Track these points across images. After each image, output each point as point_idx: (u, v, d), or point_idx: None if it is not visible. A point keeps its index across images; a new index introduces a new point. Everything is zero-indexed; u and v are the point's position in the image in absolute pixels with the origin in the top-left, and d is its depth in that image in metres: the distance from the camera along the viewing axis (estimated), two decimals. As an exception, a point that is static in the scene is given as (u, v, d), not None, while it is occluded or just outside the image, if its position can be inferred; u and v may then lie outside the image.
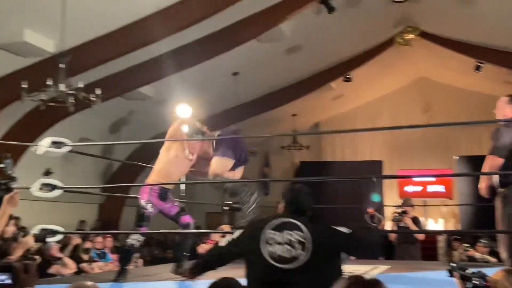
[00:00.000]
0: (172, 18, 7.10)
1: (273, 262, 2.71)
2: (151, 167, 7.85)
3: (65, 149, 4.46)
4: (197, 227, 11.23)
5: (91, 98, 6.12)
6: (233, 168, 4.89)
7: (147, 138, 10.11)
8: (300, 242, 2.71)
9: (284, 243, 2.72)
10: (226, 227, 6.61)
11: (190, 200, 11.18)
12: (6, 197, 3.23)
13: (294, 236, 2.72)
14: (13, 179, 3.70)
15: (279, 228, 2.77)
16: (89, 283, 1.94)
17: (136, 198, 4.96)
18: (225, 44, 8.53)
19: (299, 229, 2.74)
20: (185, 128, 4.95)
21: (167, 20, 7.08)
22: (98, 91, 6.17)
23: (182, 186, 8.66)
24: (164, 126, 9.89)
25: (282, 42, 9.56)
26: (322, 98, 13.79)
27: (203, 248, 8.40)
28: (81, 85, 6.14)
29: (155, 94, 9.50)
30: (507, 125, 4.07)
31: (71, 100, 6.11)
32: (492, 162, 4.01)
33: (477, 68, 11.54)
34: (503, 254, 4.09)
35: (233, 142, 4.82)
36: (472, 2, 8.85)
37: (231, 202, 6.96)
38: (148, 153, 10.40)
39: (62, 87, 6.02)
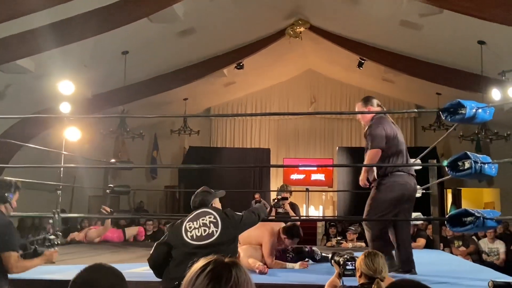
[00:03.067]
0: None
1: (194, 242, 3.30)
2: (29, 146, 7.43)
3: None
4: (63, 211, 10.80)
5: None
6: None
7: (26, 115, 9.45)
8: (212, 222, 3.36)
9: (200, 227, 3.35)
10: (107, 208, 6.40)
11: (70, 183, 10.71)
12: (47, 252, 3.56)
13: (207, 219, 3.38)
14: (58, 236, 4.01)
15: (194, 218, 3.42)
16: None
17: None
18: (114, 21, 8.14)
19: (211, 214, 3.42)
20: None
21: None
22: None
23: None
24: (45, 102, 9.38)
25: (175, 24, 9.39)
26: (214, 84, 13.82)
27: (79, 236, 8.06)
28: None
29: (36, 68, 8.89)
30: (375, 121, 4.39)
31: None
32: (372, 155, 4.36)
33: (360, 65, 12.26)
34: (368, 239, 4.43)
35: None
36: (357, 1, 9.34)
37: (113, 186, 6.79)
38: (26, 131, 9.76)
39: None
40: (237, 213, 3.62)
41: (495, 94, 7.52)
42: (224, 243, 3.32)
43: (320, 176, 14.86)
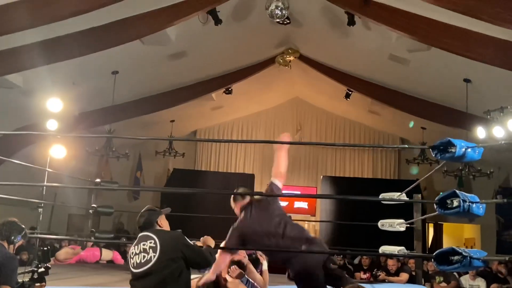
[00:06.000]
0: (41, 9, 6.65)
1: (135, 270, 3.25)
2: (11, 161, 7.32)
3: None
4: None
5: None
6: None
7: (11, 130, 9.34)
8: (151, 248, 3.23)
9: (140, 253, 3.25)
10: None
11: (51, 201, 10.54)
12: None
13: (148, 244, 3.25)
14: (47, 270, 4.01)
15: (137, 242, 3.33)
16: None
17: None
18: (106, 41, 8.17)
19: (151, 238, 3.27)
20: None
21: (35, 10, 6.61)
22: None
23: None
24: (32, 118, 9.30)
25: (166, 47, 9.45)
26: (202, 107, 13.86)
27: (60, 255, 7.89)
28: None
29: (24, 83, 8.84)
30: (239, 220, 4.18)
31: None
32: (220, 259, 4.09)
33: (347, 96, 12.41)
34: None
35: None
36: (348, 34, 9.50)
37: (96, 206, 6.69)
38: (9, 146, 9.64)
39: None
40: (189, 241, 3.36)
41: (480, 132, 7.65)
42: (163, 268, 3.15)
43: (303, 204, 14.86)
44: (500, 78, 8.11)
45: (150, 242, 3.23)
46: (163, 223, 3.49)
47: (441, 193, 3.44)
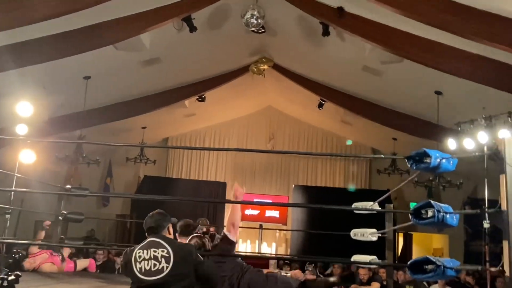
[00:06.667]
0: (13, 12, 6.50)
1: (142, 277, 3.10)
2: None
3: None
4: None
5: None
6: None
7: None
8: (163, 257, 3.12)
9: (149, 259, 3.12)
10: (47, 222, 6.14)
11: (18, 206, 10.26)
12: None
13: (159, 252, 3.14)
14: (18, 277, 3.94)
15: (146, 246, 3.20)
16: None
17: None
18: (79, 46, 8.02)
19: (163, 246, 3.17)
20: None
21: (6, 13, 6.46)
22: None
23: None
24: (0, 122, 9.05)
25: (140, 53, 9.36)
26: (174, 114, 13.76)
27: (28, 263, 7.66)
28: None
29: (-8, 87, 8.63)
30: None
31: None
32: None
33: (320, 105, 12.51)
34: None
35: None
36: (322, 44, 9.60)
37: (66, 212, 6.53)
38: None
39: None
40: (200, 256, 3.32)
41: (451, 144, 7.80)
42: (175, 282, 3.08)
43: (275, 213, 14.87)
44: (470, 91, 8.31)
45: (163, 251, 3.13)
46: (171, 231, 3.41)
47: (411, 203, 3.49)
